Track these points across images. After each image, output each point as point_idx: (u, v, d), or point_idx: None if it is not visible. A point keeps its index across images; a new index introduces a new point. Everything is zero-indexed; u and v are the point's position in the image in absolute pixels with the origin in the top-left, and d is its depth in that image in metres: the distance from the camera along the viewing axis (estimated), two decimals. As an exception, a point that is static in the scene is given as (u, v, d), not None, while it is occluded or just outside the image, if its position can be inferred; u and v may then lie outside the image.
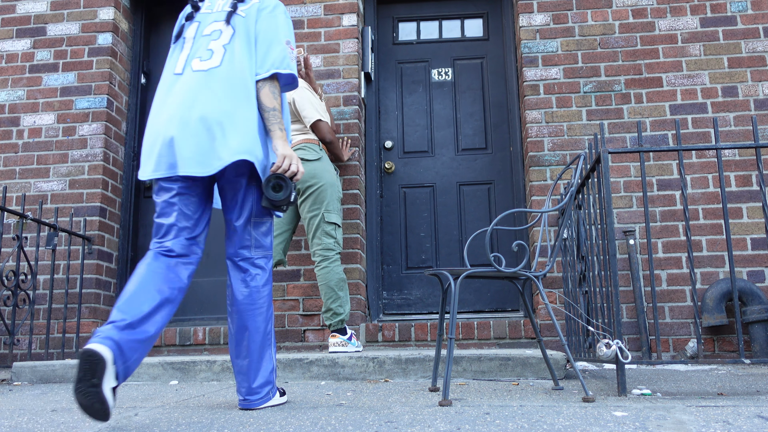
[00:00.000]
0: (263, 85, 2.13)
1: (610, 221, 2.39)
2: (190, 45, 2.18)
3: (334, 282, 3.27)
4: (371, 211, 4.16)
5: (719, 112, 3.79)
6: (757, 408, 1.93)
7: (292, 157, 2.10)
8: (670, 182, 3.72)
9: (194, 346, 3.80)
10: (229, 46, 2.13)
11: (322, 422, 1.85)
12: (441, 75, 4.40)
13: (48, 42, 4.28)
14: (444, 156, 4.28)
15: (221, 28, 2.16)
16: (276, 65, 2.12)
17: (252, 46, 2.15)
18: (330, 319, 3.27)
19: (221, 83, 2.08)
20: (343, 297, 3.29)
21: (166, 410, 2.16)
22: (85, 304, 3.87)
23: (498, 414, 1.91)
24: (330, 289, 3.26)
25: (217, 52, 2.13)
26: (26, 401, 2.52)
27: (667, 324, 3.54)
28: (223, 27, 2.16)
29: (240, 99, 2.08)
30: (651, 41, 3.91)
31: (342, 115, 3.99)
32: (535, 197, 3.80)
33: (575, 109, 3.87)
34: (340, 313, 3.27)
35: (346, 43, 4.09)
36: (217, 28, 2.17)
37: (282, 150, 2.10)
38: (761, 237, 3.59)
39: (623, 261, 3.61)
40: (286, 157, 2.08)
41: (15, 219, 3.92)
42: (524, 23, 4.02)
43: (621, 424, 1.72)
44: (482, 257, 4.07)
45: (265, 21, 2.17)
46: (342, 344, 3.26)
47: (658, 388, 2.47)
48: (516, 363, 2.86)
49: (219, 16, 2.20)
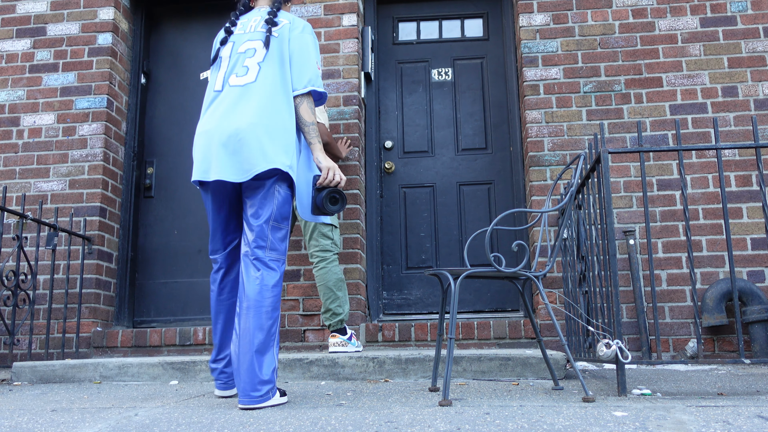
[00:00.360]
0: (301, 100, 2.32)
1: (610, 221, 2.39)
2: (227, 63, 2.38)
3: (332, 282, 3.27)
4: (371, 211, 4.16)
5: (719, 112, 3.79)
6: (757, 408, 1.93)
7: (335, 168, 2.30)
8: (670, 182, 3.72)
9: (194, 346, 3.80)
10: (263, 63, 2.32)
11: (322, 422, 1.85)
12: (441, 75, 4.40)
13: (48, 42, 4.28)
14: (444, 156, 4.28)
15: (256, 47, 2.35)
16: (312, 83, 2.33)
17: (285, 64, 2.33)
18: (329, 319, 3.28)
19: (256, 97, 2.26)
20: (341, 297, 3.29)
21: (166, 410, 2.16)
22: (85, 304, 3.87)
23: (498, 414, 1.91)
24: (328, 289, 3.26)
25: (252, 69, 2.32)
26: (26, 401, 2.52)
27: (667, 324, 3.54)
28: (257, 46, 2.35)
29: (273, 111, 2.25)
30: (651, 41, 3.91)
31: (342, 115, 3.99)
32: (535, 197, 3.80)
33: (575, 109, 3.87)
34: (339, 313, 3.27)
35: (346, 43, 4.09)
36: (251, 46, 2.36)
37: (325, 162, 2.29)
38: (761, 237, 3.59)
39: (623, 261, 3.61)
40: (330, 168, 2.29)
41: (15, 219, 3.92)
42: (524, 23, 4.02)
43: (621, 424, 1.72)
44: (482, 257, 4.07)
45: (297, 41, 2.35)
46: (342, 344, 3.26)
47: (658, 388, 2.47)
48: (516, 363, 2.86)
49: (253, 36, 2.38)
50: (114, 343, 3.83)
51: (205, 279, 4.21)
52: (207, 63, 4.52)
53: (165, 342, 3.82)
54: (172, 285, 4.24)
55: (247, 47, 2.36)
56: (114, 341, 3.83)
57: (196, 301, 4.20)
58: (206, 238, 4.26)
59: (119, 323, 4.14)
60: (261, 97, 2.26)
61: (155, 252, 4.30)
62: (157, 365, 3.06)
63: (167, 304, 4.22)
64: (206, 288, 4.20)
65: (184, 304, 4.21)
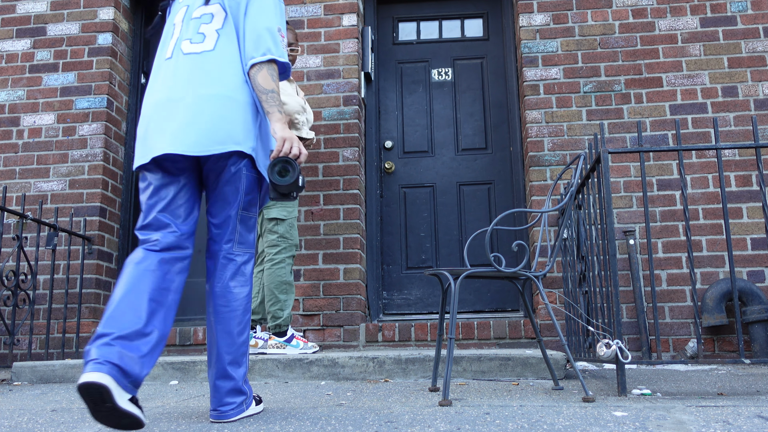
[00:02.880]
0: (260, 67, 2.01)
1: (610, 221, 2.39)
2: (180, 29, 2.08)
3: (275, 285, 3.22)
4: (371, 211, 4.16)
5: (719, 112, 3.79)
6: (757, 408, 1.93)
7: (293, 139, 1.98)
8: (670, 182, 3.72)
9: (194, 346, 3.80)
10: (222, 30, 2.04)
11: (322, 422, 1.85)
12: (441, 75, 4.40)
13: (48, 42, 4.28)
14: (444, 156, 4.28)
15: (213, 11, 2.07)
16: (272, 51, 2.02)
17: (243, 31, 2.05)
18: (269, 321, 3.26)
19: (216, 67, 1.99)
20: (283, 300, 3.23)
21: (166, 410, 2.16)
22: (85, 304, 3.87)
23: (498, 414, 1.91)
24: (270, 291, 3.23)
25: (210, 36, 2.04)
26: (26, 401, 2.52)
27: (667, 324, 3.54)
28: (215, 11, 2.07)
29: (233, 85, 1.99)
30: (651, 41, 3.91)
31: (342, 115, 3.99)
32: (535, 197, 3.80)
33: (575, 109, 3.87)
34: (278, 317, 3.23)
35: (346, 43, 4.09)
36: (207, 11, 2.07)
37: (281, 132, 1.98)
38: (761, 237, 3.59)
39: (623, 261, 3.61)
40: (286, 139, 1.97)
41: (15, 219, 3.92)
42: (524, 23, 4.02)
43: (621, 424, 1.72)
44: (482, 257, 4.07)
45: (256, 5, 2.06)
46: (278, 346, 3.24)
47: (658, 388, 2.47)
48: (516, 363, 2.86)
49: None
50: (114, 343, 3.82)
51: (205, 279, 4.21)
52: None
53: (165, 342, 3.82)
54: (172, 285, 4.24)
55: (203, 12, 2.07)
56: (114, 341, 3.82)
57: (196, 301, 4.20)
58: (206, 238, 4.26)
59: (119, 323, 4.14)
60: (221, 67, 1.99)
61: (155, 252, 4.30)
62: (157, 365, 3.06)
63: (167, 304, 4.22)
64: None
65: (184, 304, 4.20)
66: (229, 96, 1.97)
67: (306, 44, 4.11)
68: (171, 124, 1.93)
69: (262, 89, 2.00)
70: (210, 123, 1.93)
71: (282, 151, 1.96)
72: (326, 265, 3.81)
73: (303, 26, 4.14)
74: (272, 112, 2.00)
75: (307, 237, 3.86)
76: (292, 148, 1.98)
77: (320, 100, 4.02)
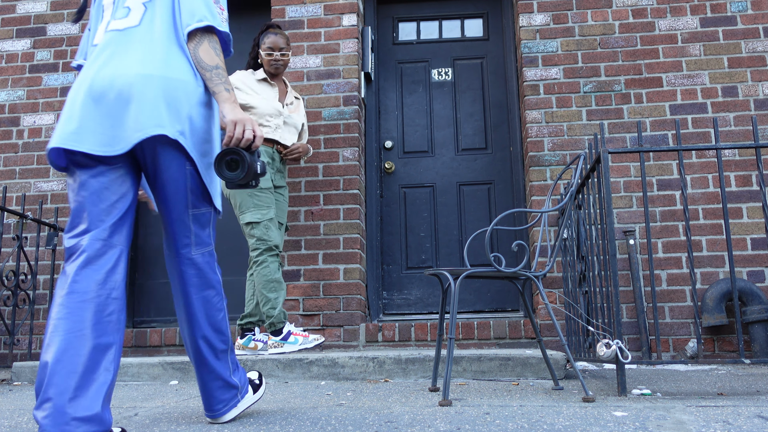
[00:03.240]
0: (200, 40, 1.78)
1: (610, 221, 2.39)
2: (110, 11, 1.86)
3: (262, 284, 3.21)
4: (371, 211, 4.16)
5: (719, 112, 3.79)
6: (757, 408, 1.93)
7: (245, 122, 1.75)
8: (670, 182, 3.72)
9: (194, 346, 3.80)
10: (150, 3, 1.82)
11: (322, 422, 1.85)
12: (441, 75, 4.40)
13: (48, 42, 4.28)
14: (444, 156, 4.28)
15: None
16: (209, 19, 1.79)
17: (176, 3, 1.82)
18: (266, 322, 3.27)
19: (141, 44, 1.75)
20: (273, 299, 3.22)
21: (166, 410, 2.16)
22: (85, 304, 3.87)
23: (498, 414, 1.91)
24: (260, 292, 3.23)
25: (135, 10, 1.81)
26: (26, 401, 2.52)
27: (667, 324, 3.54)
28: None
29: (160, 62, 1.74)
30: (651, 41, 3.91)
31: (342, 115, 3.99)
32: (535, 197, 3.80)
33: (575, 109, 3.87)
34: (271, 316, 3.22)
35: (346, 43, 4.09)
36: None
37: (231, 115, 1.74)
38: (761, 237, 3.59)
39: (623, 261, 3.61)
40: (237, 122, 1.74)
41: (15, 219, 3.92)
42: (524, 23, 4.02)
43: (621, 424, 1.72)
44: (482, 257, 4.07)
45: None
46: (277, 345, 3.25)
47: (658, 388, 2.47)
48: (516, 363, 2.86)
49: None
50: (114, 343, 3.82)
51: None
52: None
53: (165, 342, 3.82)
54: (172, 285, 4.24)
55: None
56: (114, 341, 3.82)
57: (196, 301, 4.19)
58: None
59: (119, 323, 4.14)
60: (147, 43, 1.75)
61: (155, 252, 4.30)
62: (157, 365, 3.06)
63: (167, 304, 4.22)
64: (206, 288, 4.20)
65: (184, 304, 4.20)
66: (152, 75, 1.71)
67: (306, 44, 4.11)
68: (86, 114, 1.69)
69: (205, 65, 1.77)
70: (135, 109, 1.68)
71: (234, 137, 1.74)
72: (326, 265, 3.81)
73: (303, 26, 4.14)
74: (219, 91, 1.77)
75: (307, 237, 3.86)
76: (245, 131, 1.75)
77: (320, 100, 4.02)
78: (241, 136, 1.75)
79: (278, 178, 3.47)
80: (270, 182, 3.33)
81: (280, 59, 3.48)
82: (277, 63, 3.48)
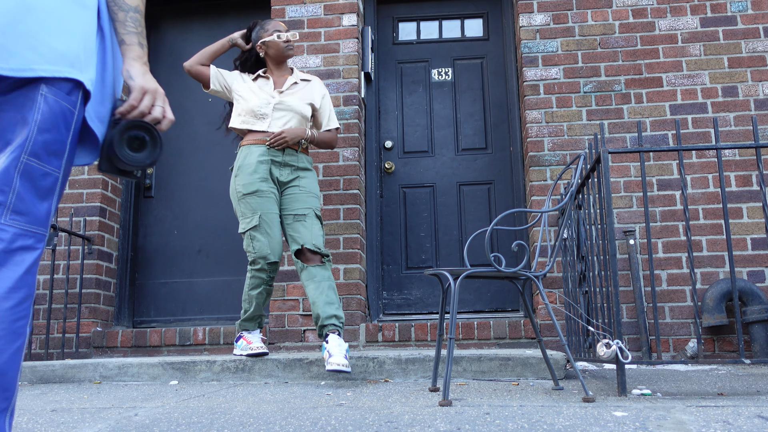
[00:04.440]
0: None
1: (610, 221, 2.39)
2: None
3: (245, 294, 3.12)
4: (371, 211, 4.16)
5: (719, 112, 3.79)
6: (757, 408, 1.93)
7: (156, 93, 1.39)
8: (670, 182, 3.72)
9: (194, 346, 3.80)
10: None
11: (322, 422, 1.85)
12: (441, 75, 4.40)
13: (48, 42, 4.27)
14: (444, 156, 4.27)
15: None
16: None
17: None
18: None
19: None
20: (245, 308, 3.11)
21: (166, 410, 2.16)
22: (85, 304, 3.87)
23: (498, 414, 1.91)
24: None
25: None
26: (26, 401, 2.52)
27: (667, 324, 3.54)
28: None
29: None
30: (651, 41, 3.91)
31: (342, 115, 3.99)
32: (535, 197, 3.80)
33: (575, 109, 3.87)
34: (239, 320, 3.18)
35: (346, 43, 4.09)
36: None
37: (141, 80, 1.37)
38: (761, 237, 3.59)
39: (623, 261, 3.61)
40: (148, 92, 1.37)
41: (15, 219, 3.91)
42: (524, 23, 4.02)
43: (621, 424, 1.72)
44: (482, 257, 4.07)
45: None
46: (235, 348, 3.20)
47: (658, 388, 2.47)
48: (516, 363, 2.86)
49: None
50: (114, 343, 3.83)
51: (205, 279, 4.21)
52: (207, 63, 4.52)
53: (165, 342, 3.82)
54: (171, 285, 4.24)
55: None
56: (114, 341, 3.83)
57: (195, 301, 4.20)
58: (206, 238, 4.26)
59: (119, 323, 4.14)
60: None
61: (155, 252, 4.30)
62: (157, 365, 3.06)
63: (167, 304, 4.22)
64: (206, 288, 4.20)
65: (183, 304, 4.21)
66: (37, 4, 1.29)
67: (306, 44, 4.11)
68: None
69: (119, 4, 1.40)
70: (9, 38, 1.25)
71: (138, 110, 1.36)
72: (326, 265, 3.80)
73: (303, 26, 4.14)
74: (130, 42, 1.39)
75: (307, 237, 3.86)
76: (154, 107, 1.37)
77: (320, 100, 4.02)
78: (147, 111, 1.38)
79: (286, 173, 3.08)
80: (255, 186, 2.99)
81: (292, 40, 3.19)
82: (289, 44, 3.18)
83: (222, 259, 4.21)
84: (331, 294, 2.96)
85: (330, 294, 2.96)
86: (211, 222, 4.27)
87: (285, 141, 3.04)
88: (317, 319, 2.92)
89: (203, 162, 4.37)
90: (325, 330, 2.88)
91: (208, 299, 4.18)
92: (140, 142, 1.33)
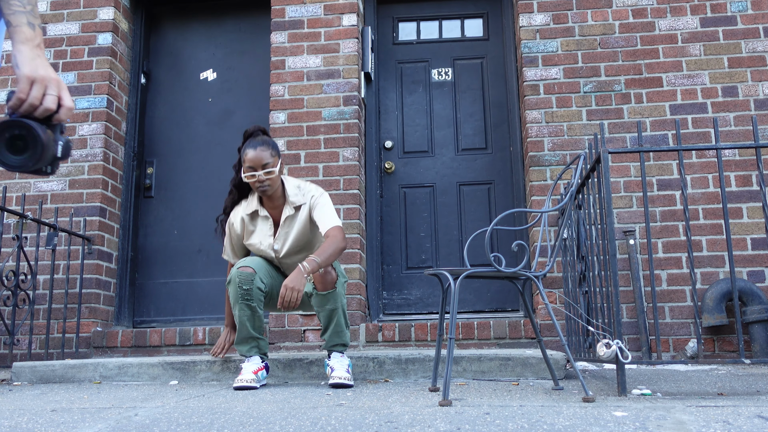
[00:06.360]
0: None
1: (610, 221, 2.39)
2: None
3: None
4: (371, 211, 4.16)
5: (719, 112, 3.79)
6: (757, 408, 1.93)
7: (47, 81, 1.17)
8: (670, 182, 3.72)
9: (194, 346, 3.80)
10: None
11: (322, 422, 1.85)
12: (441, 75, 4.40)
13: (48, 42, 4.28)
14: (444, 156, 4.28)
15: None
16: None
17: None
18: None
19: None
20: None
21: (166, 410, 2.16)
22: (85, 304, 3.87)
23: (498, 414, 1.91)
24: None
25: None
26: (26, 401, 2.52)
27: (667, 324, 3.54)
28: None
29: None
30: (651, 41, 3.91)
31: (342, 115, 3.99)
32: (535, 197, 3.80)
33: (575, 109, 3.87)
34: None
35: (346, 43, 4.09)
36: None
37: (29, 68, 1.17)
38: (761, 237, 3.59)
39: (623, 261, 3.61)
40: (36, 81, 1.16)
41: (15, 219, 3.92)
42: (524, 23, 4.02)
43: (621, 424, 1.72)
44: (482, 257, 4.07)
45: None
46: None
47: (658, 388, 2.47)
48: (516, 363, 2.86)
49: None
50: (114, 343, 3.83)
51: (205, 279, 4.21)
52: (207, 63, 4.52)
53: (165, 342, 3.82)
54: (172, 285, 4.24)
55: None
56: (114, 341, 3.83)
57: (196, 301, 4.20)
58: (206, 238, 4.26)
59: (119, 323, 4.14)
60: None
61: (155, 252, 4.30)
62: (157, 365, 3.06)
63: (167, 304, 4.22)
64: (206, 288, 4.20)
65: (184, 304, 4.21)
66: None
67: (306, 44, 4.11)
68: None
69: None
70: None
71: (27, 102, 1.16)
72: (326, 265, 3.81)
73: (303, 26, 4.14)
74: (17, 23, 1.20)
75: (307, 237, 3.86)
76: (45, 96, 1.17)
77: (320, 100, 4.02)
78: (38, 103, 1.16)
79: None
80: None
81: (265, 179, 2.69)
82: (262, 185, 2.70)
83: (222, 258, 4.21)
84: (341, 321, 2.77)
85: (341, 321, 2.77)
86: (211, 222, 4.27)
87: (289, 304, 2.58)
88: (324, 342, 2.82)
89: (203, 162, 4.37)
90: (330, 351, 2.80)
91: (209, 299, 4.18)
92: (24, 141, 1.16)
